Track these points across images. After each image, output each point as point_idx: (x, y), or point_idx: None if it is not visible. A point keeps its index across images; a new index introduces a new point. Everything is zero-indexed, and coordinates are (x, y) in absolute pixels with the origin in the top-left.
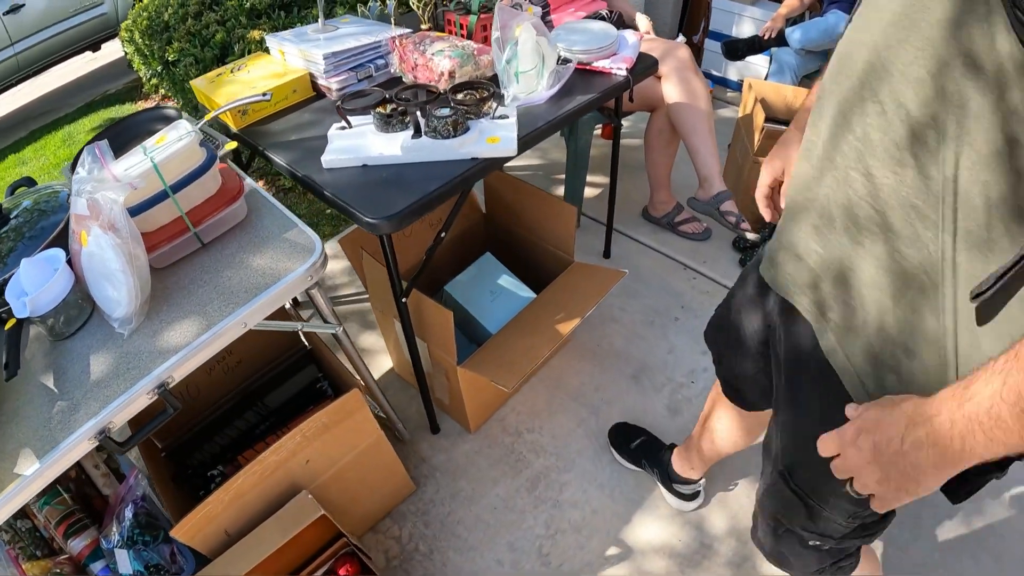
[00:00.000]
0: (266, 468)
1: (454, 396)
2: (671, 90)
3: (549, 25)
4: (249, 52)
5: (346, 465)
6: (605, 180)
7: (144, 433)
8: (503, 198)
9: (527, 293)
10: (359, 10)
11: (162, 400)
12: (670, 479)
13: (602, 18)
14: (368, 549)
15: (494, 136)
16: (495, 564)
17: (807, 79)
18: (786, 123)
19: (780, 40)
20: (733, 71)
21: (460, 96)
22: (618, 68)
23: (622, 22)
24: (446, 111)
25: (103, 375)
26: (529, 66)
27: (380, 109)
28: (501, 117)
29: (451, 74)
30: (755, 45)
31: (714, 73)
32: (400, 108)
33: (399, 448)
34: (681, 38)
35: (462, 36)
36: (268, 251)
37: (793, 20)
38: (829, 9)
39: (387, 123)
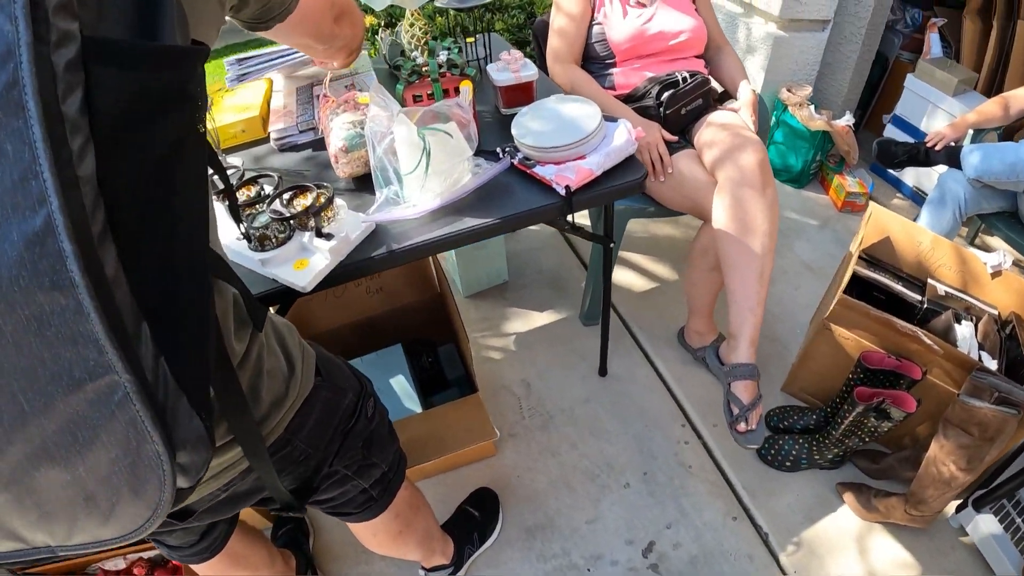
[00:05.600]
0: None
1: None
2: (719, 210)
3: (607, 80)
4: None
5: None
6: (667, 274)
7: None
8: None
9: (413, 406)
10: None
11: None
12: None
13: (670, 85)
14: None
15: (302, 261)
16: None
17: (980, 223)
18: (909, 282)
19: (952, 158)
20: (910, 173)
21: (286, 200)
22: (558, 182)
23: (708, 94)
24: (263, 219)
25: None
26: (409, 167)
27: (245, 188)
28: (326, 236)
29: (336, 158)
30: (917, 156)
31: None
32: (253, 196)
33: None
34: (849, 117)
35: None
36: None
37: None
38: None
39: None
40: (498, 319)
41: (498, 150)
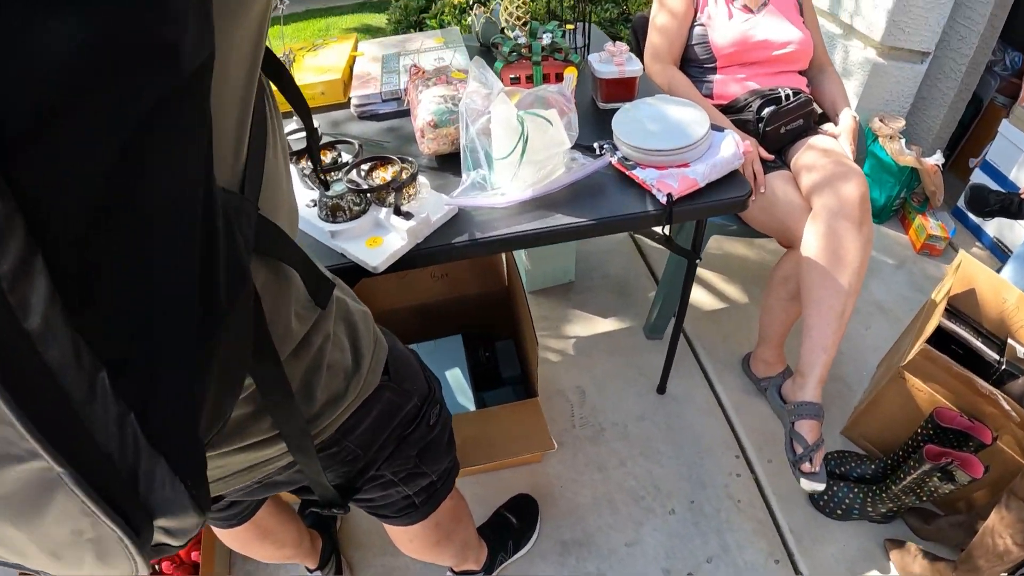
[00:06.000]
0: None
1: None
2: (811, 239)
3: (704, 85)
4: (443, 14)
5: None
6: (737, 296)
7: None
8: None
9: (466, 402)
10: (472, 15)
11: None
12: None
13: (772, 101)
14: None
15: (375, 238)
16: None
17: None
18: (988, 339)
19: None
20: (993, 223)
21: (365, 171)
22: (660, 189)
23: (810, 115)
24: (339, 188)
25: None
26: (503, 151)
27: (321, 153)
28: (405, 214)
29: (423, 132)
30: (1009, 207)
31: (968, 214)
32: (330, 162)
33: None
34: (939, 156)
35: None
36: None
37: None
38: None
39: (303, 172)
40: (559, 320)
41: (595, 146)
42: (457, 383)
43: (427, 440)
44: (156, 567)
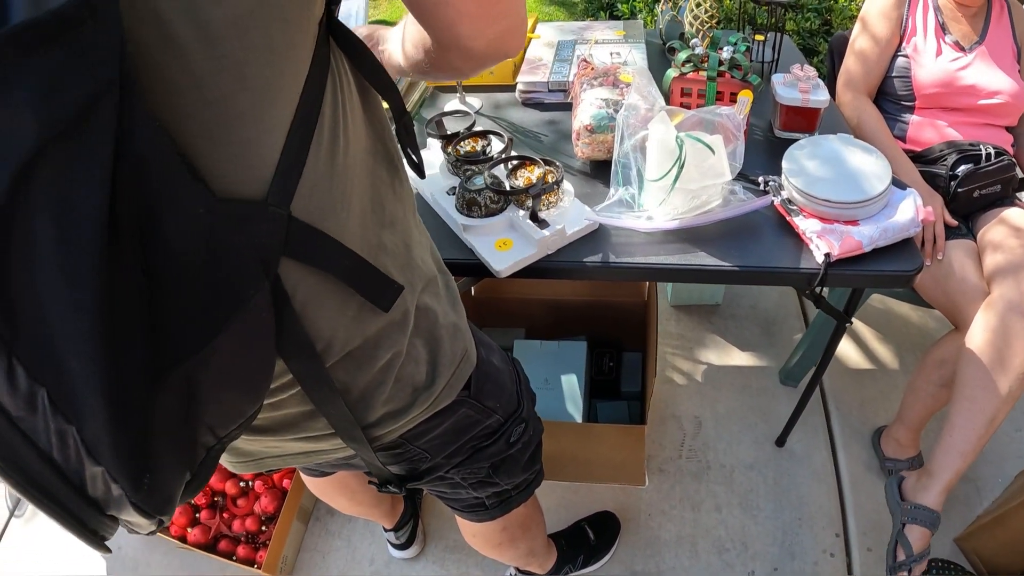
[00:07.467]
0: None
1: None
2: (978, 329)
3: (898, 126)
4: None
5: None
6: (888, 359)
7: None
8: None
9: (574, 411)
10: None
11: None
12: None
13: (971, 158)
14: None
15: (506, 240)
16: None
17: None
18: None
19: None
20: None
21: (509, 170)
22: (819, 246)
23: (1010, 182)
24: (479, 182)
25: None
26: (656, 173)
27: (472, 140)
28: (540, 222)
29: (578, 135)
30: None
31: None
32: (472, 152)
33: None
34: None
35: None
36: None
37: None
38: None
39: (449, 159)
40: (695, 342)
41: (760, 180)
42: (571, 390)
43: (504, 455)
44: (249, 483)
